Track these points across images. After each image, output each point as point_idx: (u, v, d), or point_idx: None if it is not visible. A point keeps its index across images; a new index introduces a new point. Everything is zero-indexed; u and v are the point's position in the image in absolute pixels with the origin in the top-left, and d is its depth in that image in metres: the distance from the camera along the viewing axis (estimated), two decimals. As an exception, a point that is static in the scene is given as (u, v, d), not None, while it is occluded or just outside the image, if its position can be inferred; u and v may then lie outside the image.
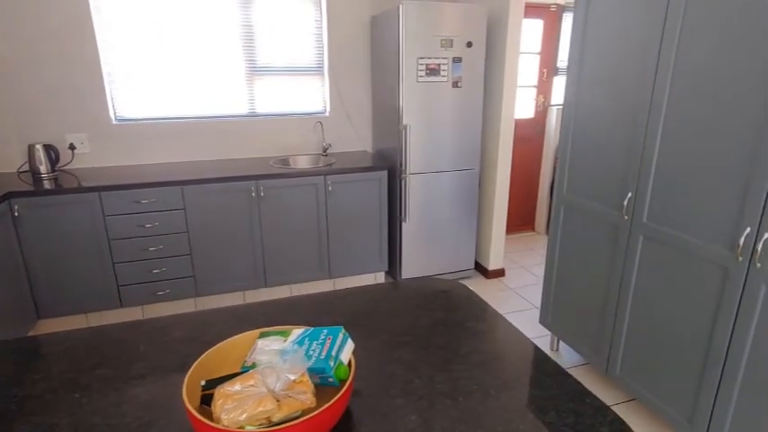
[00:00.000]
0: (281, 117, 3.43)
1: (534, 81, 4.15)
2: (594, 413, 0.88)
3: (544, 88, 4.20)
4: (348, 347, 0.90)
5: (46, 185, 2.59)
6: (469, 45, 2.99)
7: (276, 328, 0.98)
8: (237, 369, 0.89)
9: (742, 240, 1.51)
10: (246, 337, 0.96)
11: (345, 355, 0.89)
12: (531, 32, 3.99)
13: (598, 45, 2.03)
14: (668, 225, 1.79)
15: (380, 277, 3.44)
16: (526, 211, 4.49)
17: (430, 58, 2.94)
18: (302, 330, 0.94)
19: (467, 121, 3.15)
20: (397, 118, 3.06)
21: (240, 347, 0.94)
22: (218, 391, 0.78)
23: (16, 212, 2.48)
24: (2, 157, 2.92)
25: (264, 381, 0.79)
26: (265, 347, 0.90)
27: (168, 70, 3.11)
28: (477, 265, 3.61)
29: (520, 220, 4.49)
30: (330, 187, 3.03)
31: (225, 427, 0.72)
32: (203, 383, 0.84)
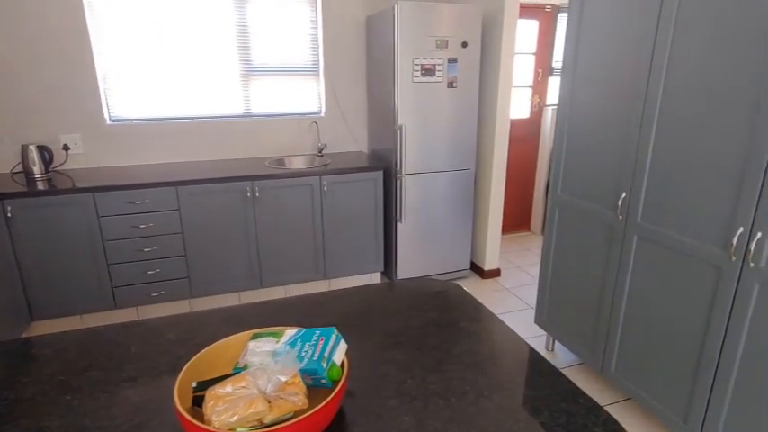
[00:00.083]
0: (276, 117, 3.43)
1: (529, 81, 4.16)
2: (587, 413, 0.88)
3: (539, 89, 4.21)
4: (341, 348, 0.90)
5: (39, 186, 2.57)
6: (465, 45, 2.99)
7: (269, 329, 0.97)
8: (229, 370, 0.89)
9: (735, 240, 1.52)
10: (239, 338, 0.96)
11: (338, 355, 0.88)
12: (526, 33, 4.00)
13: (592, 45, 2.03)
14: (662, 225, 1.80)
15: (376, 278, 3.43)
16: (522, 211, 4.50)
17: (425, 58, 2.94)
18: (295, 331, 0.93)
19: (462, 122, 3.15)
20: (393, 118, 3.06)
21: (232, 349, 0.94)
22: (210, 392, 0.78)
23: (9, 213, 2.46)
24: (-5, 158, 2.91)
25: (256, 382, 0.79)
26: (257, 349, 0.89)
27: (163, 70, 3.10)
28: (473, 265, 3.62)
29: (516, 220, 4.49)
30: (325, 188, 3.03)
31: (216, 429, 0.72)
32: (194, 385, 0.83)
